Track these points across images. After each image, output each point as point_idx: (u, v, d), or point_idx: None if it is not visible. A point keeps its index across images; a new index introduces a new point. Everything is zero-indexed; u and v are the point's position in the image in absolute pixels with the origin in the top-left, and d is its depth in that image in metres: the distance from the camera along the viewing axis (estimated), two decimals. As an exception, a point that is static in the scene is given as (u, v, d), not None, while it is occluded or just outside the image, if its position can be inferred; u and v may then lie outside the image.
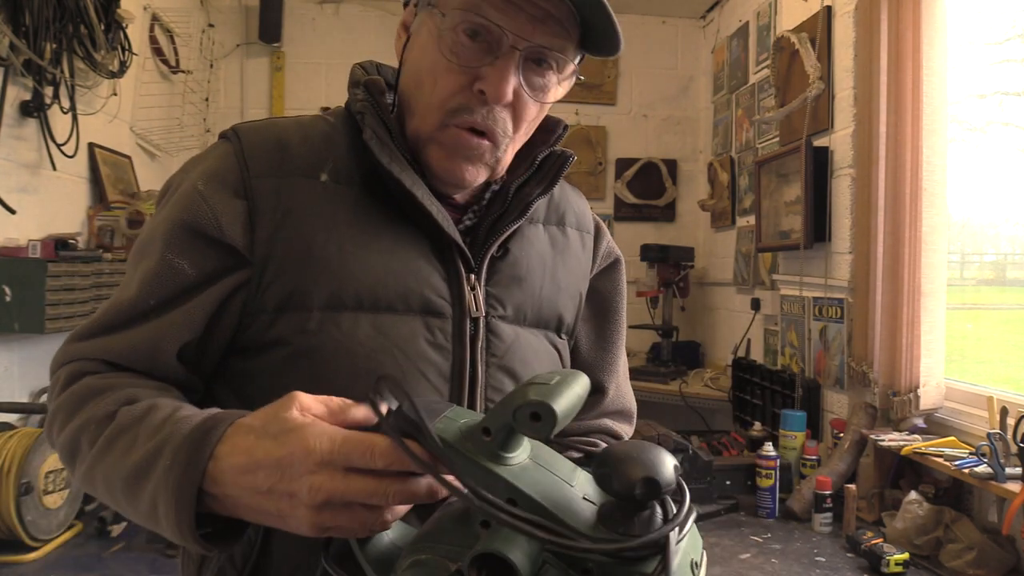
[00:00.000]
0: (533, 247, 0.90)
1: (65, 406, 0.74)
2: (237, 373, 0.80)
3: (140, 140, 2.80)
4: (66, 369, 0.78)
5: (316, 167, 0.81)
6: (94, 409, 0.71)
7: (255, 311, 0.77)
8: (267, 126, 0.85)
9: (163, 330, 0.76)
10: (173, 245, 0.77)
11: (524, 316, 0.88)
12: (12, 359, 1.96)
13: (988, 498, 1.76)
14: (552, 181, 0.90)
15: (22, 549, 1.64)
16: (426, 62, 0.81)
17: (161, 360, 0.77)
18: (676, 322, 3.41)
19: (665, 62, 3.86)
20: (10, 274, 1.82)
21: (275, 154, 0.81)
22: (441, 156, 0.82)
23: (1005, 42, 2.07)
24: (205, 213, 0.77)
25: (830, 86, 2.41)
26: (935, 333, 2.02)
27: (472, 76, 0.79)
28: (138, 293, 0.77)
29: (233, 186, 0.79)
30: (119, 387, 0.73)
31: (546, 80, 0.82)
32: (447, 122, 0.80)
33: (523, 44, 0.77)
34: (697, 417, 3.16)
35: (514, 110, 0.81)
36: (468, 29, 0.77)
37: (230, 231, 0.77)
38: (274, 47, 3.58)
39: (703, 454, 2.14)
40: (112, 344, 0.77)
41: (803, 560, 1.74)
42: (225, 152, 0.81)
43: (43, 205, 2.11)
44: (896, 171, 2.04)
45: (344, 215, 0.80)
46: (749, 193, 3.11)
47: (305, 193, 0.79)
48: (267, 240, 0.77)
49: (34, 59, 1.89)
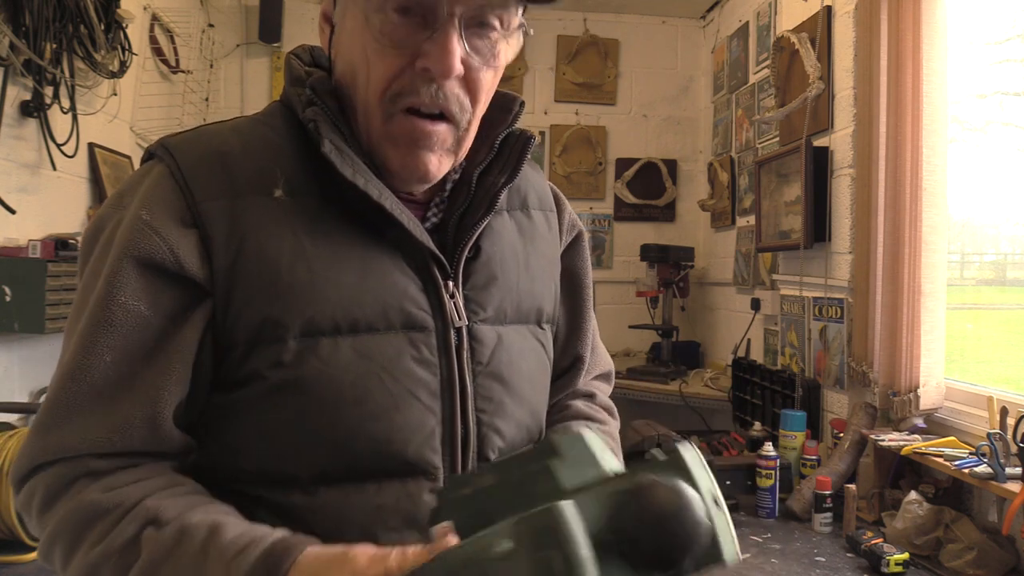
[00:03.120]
0: (503, 240, 0.84)
1: (66, 531, 0.65)
2: (214, 408, 0.72)
3: (140, 140, 2.80)
4: (42, 479, 0.67)
5: (267, 182, 0.72)
6: (109, 537, 0.63)
7: (226, 347, 0.70)
8: (199, 137, 0.75)
9: (152, 394, 0.68)
10: (125, 287, 0.67)
11: (505, 315, 0.83)
12: (12, 359, 1.96)
13: (988, 498, 1.76)
14: (516, 166, 0.82)
15: (22, 549, 1.64)
16: (356, 51, 0.74)
17: (163, 431, 0.69)
18: (676, 322, 3.41)
19: (665, 62, 3.86)
20: (10, 274, 1.82)
21: (218, 172, 0.72)
22: (397, 153, 0.75)
23: (1005, 42, 2.07)
24: (157, 245, 0.68)
25: (830, 86, 2.41)
26: (935, 333, 2.01)
27: (411, 55, 0.71)
28: (95, 354, 0.67)
29: (179, 214, 0.70)
30: (127, 502, 0.64)
31: (491, 42, 0.74)
32: (392, 111, 0.73)
33: (460, 8, 0.70)
34: (697, 417, 3.16)
35: (467, 82, 0.74)
36: (397, 5, 0.70)
37: (188, 263, 0.68)
38: (274, 47, 3.57)
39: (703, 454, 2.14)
40: (95, 430, 0.67)
41: (803, 560, 1.74)
42: (160, 175, 0.72)
43: (43, 205, 2.11)
44: (896, 171, 2.04)
45: (307, 232, 0.72)
46: (749, 193, 3.10)
47: (261, 213, 0.71)
48: (227, 269, 0.69)
49: (34, 59, 1.89)
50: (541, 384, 0.88)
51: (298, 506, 0.71)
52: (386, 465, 0.72)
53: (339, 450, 0.71)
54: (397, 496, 0.72)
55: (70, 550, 0.65)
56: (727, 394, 2.91)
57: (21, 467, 0.69)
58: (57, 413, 0.67)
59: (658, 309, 3.39)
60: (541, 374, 0.88)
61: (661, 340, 3.38)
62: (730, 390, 2.88)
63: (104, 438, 0.67)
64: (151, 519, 0.63)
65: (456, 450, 0.76)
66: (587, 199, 3.79)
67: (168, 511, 0.64)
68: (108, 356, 0.67)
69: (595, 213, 3.82)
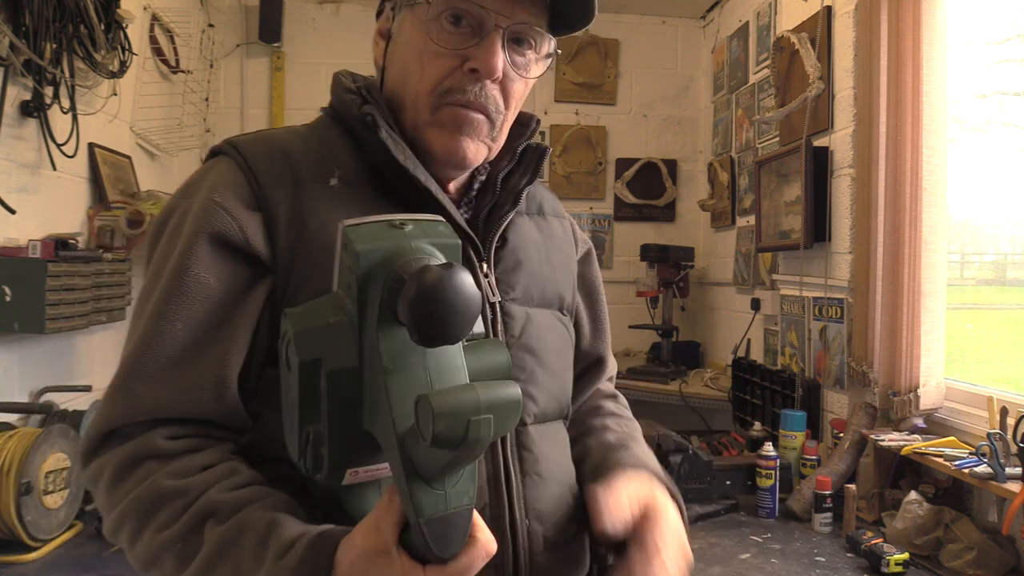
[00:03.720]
0: (526, 234, 0.96)
1: (133, 513, 0.71)
2: (268, 381, 0.78)
3: (140, 140, 2.80)
4: (113, 455, 0.73)
5: (324, 172, 0.83)
6: (174, 526, 0.69)
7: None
8: (264, 137, 0.86)
9: (219, 359, 0.75)
10: (197, 260, 0.76)
11: (531, 297, 0.93)
12: (12, 359, 1.96)
13: (988, 498, 1.76)
14: (535, 171, 0.96)
15: (22, 549, 1.64)
16: (413, 54, 0.85)
17: (228, 394, 0.75)
18: (676, 322, 3.41)
19: (665, 62, 3.86)
20: (10, 274, 1.82)
21: (281, 163, 0.82)
22: (441, 135, 0.85)
23: (1005, 42, 2.07)
24: (229, 223, 0.77)
25: (830, 86, 2.41)
26: (935, 333, 2.01)
27: (461, 58, 0.83)
28: (167, 322, 0.74)
29: (246, 198, 0.79)
30: (191, 492, 0.70)
31: (527, 58, 0.87)
32: (440, 103, 0.84)
33: (505, 22, 0.82)
34: (697, 417, 3.16)
35: (503, 87, 0.86)
36: (451, 15, 0.82)
37: (255, 241, 0.78)
38: (274, 47, 3.58)
39: (703, 454, 2.14)
40: (167, 394, 0.73)
41: (803, 560, 1.74)
42: (229, 166, 0.82)
43: (43, 205, 2.11)
44: (896, 171, 2.04)
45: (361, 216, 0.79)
46: (749, 193, 3.10)
47: (319, 199, 0.81)
48: (289, 249, 0.78)
49: (34, 59, 1.89)
50: (566, 360, 0.98)
51: None
52: None
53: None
54: None
55: (137, 532, 0.71)
56: (727, 394, 2.91)
57: (95, 432, 0.75)
58: (132, 378, 0.74)
59: (658, 309, 3.39)
60: (566, 352, 0.99)
61: (661, 340, 3.38)
62: (730, 390, 2.88)
63: (175, 400, 0.73)
64: (213, 512, 0.69)
65: None
66: (587, 199, 3.79)
67: (228, 505, 0.69)
68: (180, 324, 0.74)
69: (595, 213, 3.82)
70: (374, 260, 0.59)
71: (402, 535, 0.60)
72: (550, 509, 0.87)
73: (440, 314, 0.54)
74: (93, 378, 2.32)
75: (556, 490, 0.89)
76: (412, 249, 0.60)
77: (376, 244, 0.60)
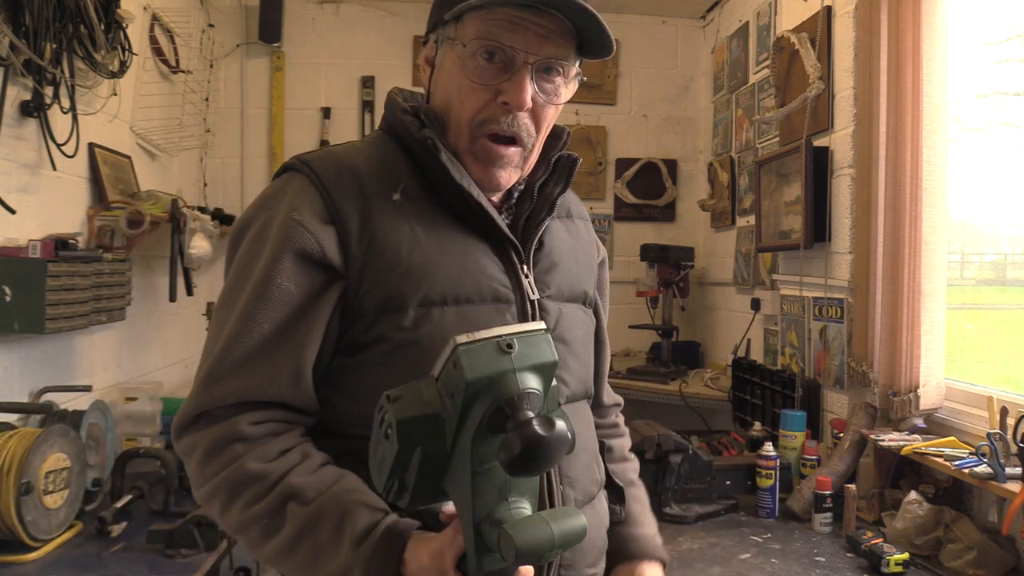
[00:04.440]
0: (559, 237, 1.07)
1: (223, 489, 0.85)
2: (337, 370, 0.92)
3: (140, 140, 2.80)
4: (204, 435, 0.86)
5: (388, 188, 0.94)
6: (259, 502, 0.83)
7: (354, 316, 0.90)
8: (331, 154, 0.98)
9: (296, 352, 0.88)
10: (282, 271, 0.88)
11: (563, 294, 1.04)
12: (12, 359, 1.95)
13: (988, 498, 1.76)
14: (568, 179, 1.07)
15: (22, 549, 1.64)
16: (453, 86, 0.96)
17: (304, 381, 0.88)
18: (676, 322, 3.41)
19: (665, 62, 3.86)
20: (10, 274, 1.81)
21: (350, 180, 0.93)
22: (476, 166, 0.97)
23: (1005, 42, 2.07)
24: (308, 239, 0.89)
25: (830, 86, 2.41)
26: (935, 333, 2.01)
27: (494, 92, 0.94)
28: (252, 322, 0.87)
29: (320, 214, 0.91)
30: (274, 475, 0.83)
31: (555, 85, 0.97)
32: (476, 134, 0.96)
33: (533, 58, 0.93)
34: (697, 417, 3.16)
35: (534, 114, 0.97)
36: (485, 53, 0.92)
37: (331, 253, 0.89)
38: (274, 47, 3.57)
39: (703, 454, 2.14)
40: (252, 381, 0.87)
41: (803, 560, 1.74)
42: (303, 183, 0.94)
43: (43, 205, 2.11)
44: (896, 171, 2.04)
45: (421, 227, 0.93)
46: (749, 193, 3.10)
47: (385, 212, 0.92)
48: (361, 256, 0.90)
49: (34, 59, 1.89)
50: (590, 348, 1.12)
51: None
52: None
53: None
54: None
55: (227, 505, 0.85)
56: (727, 394, 2.91)
57: (189, 412, 0.88)
58: (221, 367, 0.87)
59: (658, 309, 3.39)
60: (590, 340, 1.12)
61: (661, 340, 3.38)
62: (730, 390, 2.88)
63: (258, 385, 0.86)
64: (294, 494, 0.83)
65: None
66: (587, 199, 3.79)
67: (309, 490, 0.83)
68: (266, 325, 0.87)
69: (595, 213, 3.82)
70: (480, 388, 0.68)
71: (460, 561, 0.74)
72: (578, 475, 1.01)
73: (534, 466, 0.66)
74: (93, 378, 2.32)
75: (584, 459, 1.03)
76: (516, 382, 0.69)
77: (484, 372, 0.68)
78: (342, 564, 0.79)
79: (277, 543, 0.83)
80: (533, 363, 0.70)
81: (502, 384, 0.68)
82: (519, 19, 0.91)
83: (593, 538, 1.02)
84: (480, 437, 0.69)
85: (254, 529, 0.84)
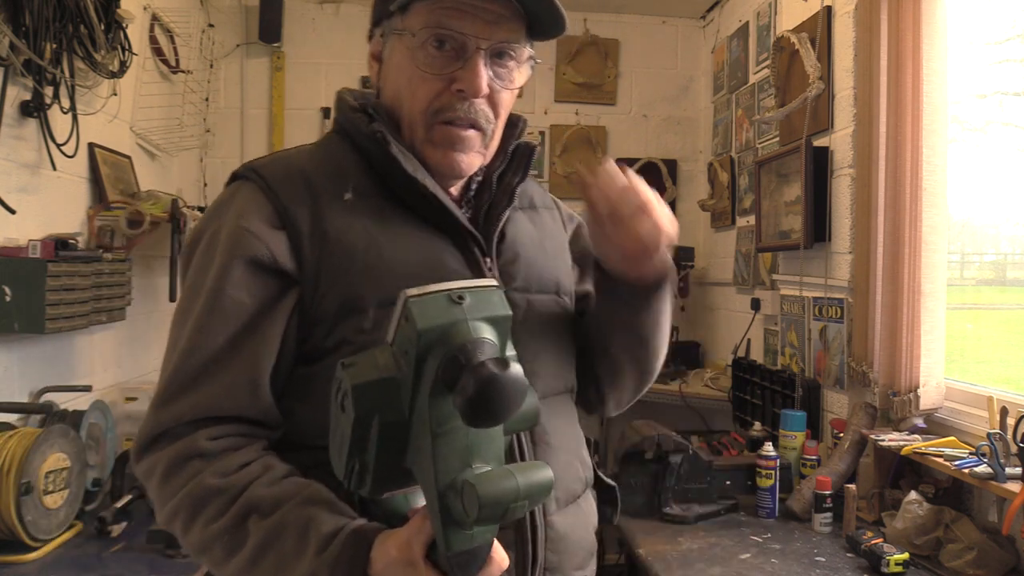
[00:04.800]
0: (521, 228, 1.04)
1: (184, 507, 0.82)
2: (300, 379, 0.89)
3: (140, 140, 2.80)
4: (164, 453, 0.83)
5: (339, 188, 0.92)
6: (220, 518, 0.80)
7: (313, 322, 0.87)
8: (280, 159, 0.96)
9: (251, 363, 0.85)
10: (232, 281, 0.85)
11: (531, 285, 1.01)
12: (12, 359, 1.95)
13: (988, 498, 1.76)
14: (526, 168, 1.04)
15: (22, 549, 1.64)
16: (403, 79, 0.94)
17: (261, 393, 0.85)
18: (676, 322, 3.40)
19: (665, 62, 3.86)
20: (10, 274, 1.81)
21: (299, 183, 0.91)
22: (436, 152, 0.94)
23: (1005, 42, 2.07)
24: (258, 246, 0.86)
25: (830, 86, 2.41)
26: (935, 333, 2.01)
27: (448, 80, 0.91)
28: (206, 335, 0.85)
29: (270, 219, 0.88)
30: (234, 489, 0.80)
31: (509, 70, 0.95)
32: (432, 122, 0.93)
33: (485, 43, 0.90)
34: (697, 417, 3.16)
35: (490, 100, 0.94)
36: (435, 41, 0.90)
37: (282, 258, 0.87)
38: (274, 47, 3.57)
39: (703, 454, 2.14)
40: (207, 397, 0.84)
41: (803, 560, 1.74)
42: (251, 190, 0.91)
43: (43, 205, 2.10)
44: (896, 171, 2.04)
45: (376, 225, 0.91)
46: (749, 193, 3.10)
47: (337, 212, 0.90)
48: (315, 259, 0.87)
49: (34, 59, 1.88)
50: (568, 341, 1.06)
51: None
52: None
53: None
54: None
55: (188, 524, 0.82)
56: (727, 394, 2.91)
57: (146, 434, 0.85)
58: (176, 385, 0.84)
59: (658, 309, 3.38)
60: (567, 333, 1.06)
61: (661, 340, 3.38)
62: (730, 390, 2.88)
63: (215, 400, 0.83)
64: (255, 507, 0.79)
65: None
66: (587, 199, 3.79)
67: (268, 501, 0.79)
68: (220, 337, 0.84)
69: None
70: (433, 338, 0.66)
71: (429, 550, 0.71)
72: (560, 473, 0.96)
73: (492, 410, 0.63)
74: (93, 378, 2.32)
75: (564, 457, 1.00)
76: (469, 330, 0.66)
77: (435, 322, 0.66)
78: (306, 573, 0.75)
79: (240, 560, 0.79)
80: (486, 315, 0.68)
81: (454, 333, 0.66)
82: (467, 5, 0.89)
83: (580, 539, 1.00)
84: (437, 393, 0.66)
85: (216, 547, 0.80)
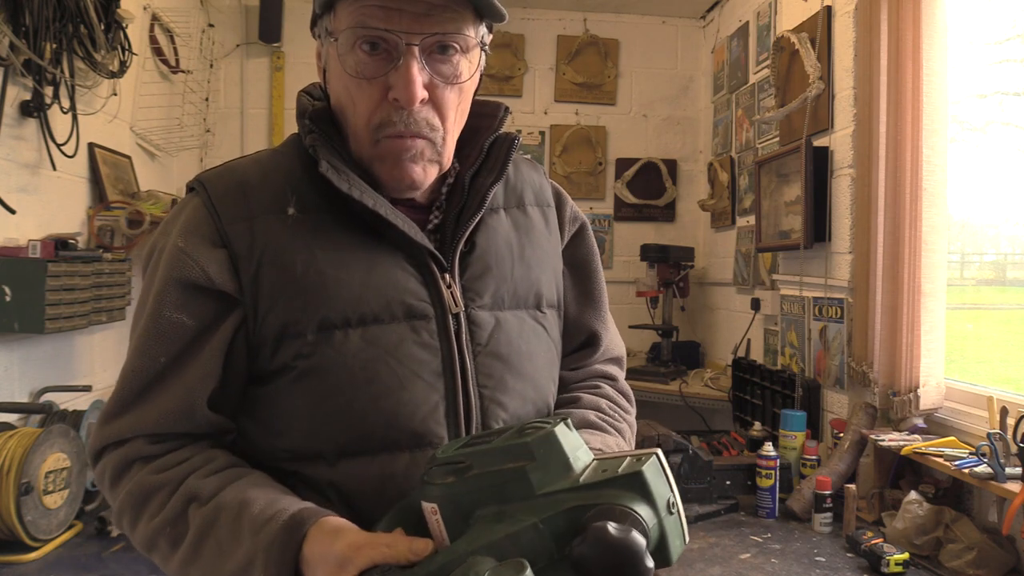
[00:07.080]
0: (498, 234, 0.93)
1: (128, 507, 0.81)
2: (251, 399, 0.86)
3: (140, 140, 2.80)
4: (110, 460, 0.83)
5: (282, 202, 0.85)
6: (162, 513, 0.79)
7: (258, 344, 0.83)
8: (227, 171, 0.88)
9: (188, 386, 0.82)
10: (168, 302, 0.82)
11: (502, 301, 0.92)
12: (12, 359, 1.96)
13: (988, 498, 1.76)
14: (503, 166, 0.92)
15: (22, 549, 1.64)
16: (340, 87, 0.85)
17: (198, 415, 0.83)
18: (676, 322, 3.41)
19: (665, 62, 3.86)
20: (10, 274, 1.82)
21: (239, 198, 0.85)
22: (385, 167, 0.85)
23: (1005, 42, 2.07)
24: (191, 268, 0.82)
25: (830, 86, 2.41)
26: (935, 333, 2.01)
27: (384, 86, 0.82)
28: (146, 357, 0.83)
29: (210, 236, 0.83)
30: (172, 482, 0.79)
31: (454, 64, 0.84)
32: (376, 138, 0.84)
33: (417, 39, 0.80)
34: (697, 417, 3.16)
35: (434, 103, 0.84)
36: (365, 44, 0.81)
37: (219, 278, 0.82)
38: (274, 47, 3.57)
39: (703, 454, 2.14)
40: (144, 418, 0.82)
41: (803, 560, 1.74)
42: (196, 205, 0.86)
43: (43, 205, 2.11)
44: (896, 171, 2.04)
45: (318, 242, 0.84)
46: (749, 193, 3.10)
47: (277, 229, 0.83)
48: (252, 279, 0.82)
49: (34, 59, 1.89)
50: (544, 361, 0.96)
51: (325, 478, 0.82)
52: (396, 438, 0.82)
53: (354, 426, 0.82)
54: (407, 465, 0.82)
55: (134, 521, 0.81)
56: (727, 394, 2.91)
57: (91, 448, 0.86)
58: (117, 405, 0.83)
59: (658, 309, 3.39)
60: (544, 352, 0.96)
61: (661, 340, 3.38)
62: (730, 390, 2.88)
63: (151, 424, 0.82)
64: (193, 496, 0.78)
65: (460, 422, 0.85)
66: (587, 199, 3.79)
67: (207, 489, 0.78)
68: (161, 359, 0.82)
69: (595, 213, 3.82)
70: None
71: (370, 569, 0.68)
72: None
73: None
74: (93, 378, 2.32)
75: None
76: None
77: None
78: (243, 557, 0.72)
79: (184, 551, 0.77)
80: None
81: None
82: (392, 0, 0.79)
83: None
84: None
85: (161, 541, 0.79)
